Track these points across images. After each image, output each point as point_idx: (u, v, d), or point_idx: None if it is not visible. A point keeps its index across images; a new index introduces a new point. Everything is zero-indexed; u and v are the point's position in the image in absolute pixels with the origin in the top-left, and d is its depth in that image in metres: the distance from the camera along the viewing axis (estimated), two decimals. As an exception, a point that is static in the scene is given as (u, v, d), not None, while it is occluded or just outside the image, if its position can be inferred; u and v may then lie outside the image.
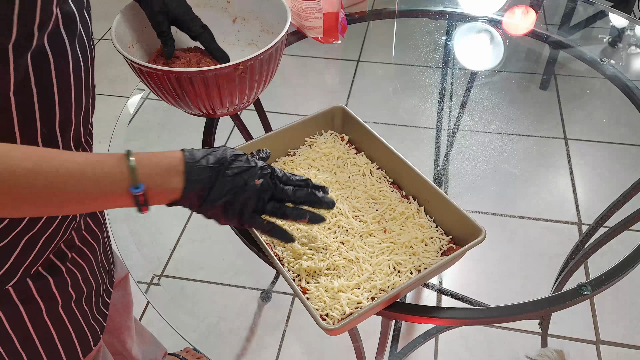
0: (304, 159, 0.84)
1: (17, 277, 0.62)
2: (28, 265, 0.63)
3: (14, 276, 0.62)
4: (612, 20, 1.42)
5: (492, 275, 1.44)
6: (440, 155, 1.38)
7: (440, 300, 1.34)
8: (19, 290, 0.63)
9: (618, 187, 1.08)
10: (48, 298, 0.66)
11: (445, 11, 1.33)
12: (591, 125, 1.75)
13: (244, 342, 1.37)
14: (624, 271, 0.74)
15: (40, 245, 0.63)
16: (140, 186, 0.54)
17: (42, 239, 0.63)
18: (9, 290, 0.63)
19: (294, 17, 1.13)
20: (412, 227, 0.74)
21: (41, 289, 0.65)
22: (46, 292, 0.66)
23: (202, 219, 0.61)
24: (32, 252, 0.62)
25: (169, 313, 0.82)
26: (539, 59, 1.73)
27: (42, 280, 0.66)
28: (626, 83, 1.07)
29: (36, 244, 0.62)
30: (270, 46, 0.76)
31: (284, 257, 0.71)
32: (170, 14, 0.80)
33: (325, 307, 0.64)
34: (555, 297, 0.72)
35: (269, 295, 1.45)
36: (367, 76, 1.97)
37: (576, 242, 1.15)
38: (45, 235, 0.63)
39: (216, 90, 0.77)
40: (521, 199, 1.56)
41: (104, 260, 0.78)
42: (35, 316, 0.66)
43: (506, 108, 1.50)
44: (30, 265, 0.63)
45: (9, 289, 0.63)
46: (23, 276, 0.63)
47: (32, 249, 0.62)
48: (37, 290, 0.65)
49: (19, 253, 0.61)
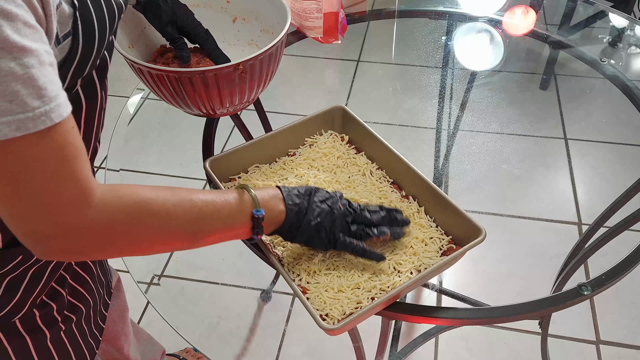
0: (304, 159, 0.84)
1: (25, 309, 0.63)
2: (35, 296, 0.63)
3: (22, 308, 0.63)
4: (612, 20, 1.42)
5: (492, 275, 1.44)
6: (440, 156, 1.38)
7: (440, 300, 1.34)
8: (24, 320, 0.64)
9: (618, 187, 1.08)
10: (51, 324, 0.67)
11: (445, 11, 1.33)
12: (591, 125, 1.76)
13: (244, 342, 1.37)
14: (624, 271, 0.74)
15: (46, 276, 0.64)
16: (261, 210, 0.60)
17: (48, 270, 0.64)
18: (15, 322, 0.63)
19: (294, 17, 1.13)
20: (412, 227, 0.74)
21: (45, 316, 0.66)
22: (49, 318, 0.67)
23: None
24: (40, 283, 0.63)
25: (169, 313, 0.82)
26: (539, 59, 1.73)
27: (46, 307, 0.66)
28: (626, 83, 1.07)
29: (43, 275, 0.63)
30: (270, 46, 0.76)
31: (284, 257, 0.71)
32: (178, 22, 0.80)
33: (325, 307, 0.64)
34: (555, 297, 0.72)
35: (269, 295, 1.45)
36: (367, 76, 1.97)
37: (576, 242, 1.15)
38: (50, 265, 0.64)
39: (216, 90, 0.77)
40: (521, 199, 1.56)
41: (100, 275, 0.78)
42: (40, 344, 0.67)
43: (506, 108, 1.50)
44: (37, 296, 0.64)
45: (16, 321, 0.63)
46: (30, 307, 0.64)
47: (40, 280, 0.63)
48: (41, 318, 0.66)
49: (27, 285, 0.61)
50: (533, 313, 0.71)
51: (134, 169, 1.77)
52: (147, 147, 1.82)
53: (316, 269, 0.69)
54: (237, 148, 0.82)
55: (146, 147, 1.82)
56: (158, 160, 1.79)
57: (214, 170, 0.79)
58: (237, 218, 0.59)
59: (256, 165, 0.84)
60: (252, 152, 0.83)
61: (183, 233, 0.54)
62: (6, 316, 0.61)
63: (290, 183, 0.80)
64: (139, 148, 1.82)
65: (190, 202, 0.54)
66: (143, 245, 0.52)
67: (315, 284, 0.67)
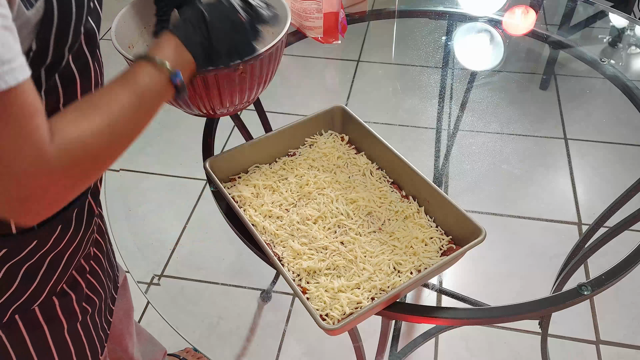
0: (304, 159, 0.84)
1: (43, 296, 0.63)
2: (54, 283, 0.64)
3: (39, 296, 0.63)
4: (612, 20, 1.42)
5: (492, 275, 1.44)
6: (440, 156, 1.38)
7: (440, 300, 1.34)
8: (44, 309, 0.64)
9: (618, 187, 1.08)
10: (70, 315, 0.68)
11: (445, 11, 1.33)
12: (591, 125, 1.76)
13: (244, 342, 1.37)
14: (624, 271, 0.74)
15: (64, 263, 0.64)
16: (177, 72, 0.58)
17: (65, 256, 0.64)
18: (35, 311, 0.64)
19: (294, 17, 1.13)
20: (412, 227, 0.74)
21: (64, 306, 0.67)
22: (68, 308, 0.67)
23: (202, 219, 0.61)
24: (57, 270, 0.64)
25: (169, 313, 0.82)
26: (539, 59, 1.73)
27: (66, 297, 0.67)
28: (626, 83, 1.07)
29: (60, 262, 0.63)
30: (270, 46, 0.76)
31: (284, 257, 0.71)
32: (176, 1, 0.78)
33: (325, 307, 0.64)
34: (555, 297, 0.72)
35: (269, 295, 1.45)
36: (367, 76, 1.98)
37: (576, 242, 1.15)
38: (68, 251, 0.64)
39: (216, 90, 0.77)
40: (521, 199, 1.57)
41: (108, 268, 0.79)
42: (58, 335, 0.67)
43: (506, 108, 1.50)
44: (55, 284, 0.64)
45: (35, 309, 0.64)
46: (49, 295, 0.64)
47: (57, 268, 0.63)
48: (61, 307, 0.66)
49: (45, 272, 0.62)
50: (533, 313, 0.71)
51: (134, 169, 1.77)
52: (147, 147, 1.82)
53: (316, 269, 0.69)
54: (237, 148, 0.82)
55: (146, 147, 1.82)
56: (158, 160, 1.79)
57: (214, 170, 0.79)
58: (162, 84, 0.57)
59: (256, 165, 0.84)
60: (252, 152, 0.83)
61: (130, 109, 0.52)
62: (25, 303, 0.62)
63: (290, 183, 0.80)
64: (139, 148, 1.82)
65: (112, 92, 0.52)
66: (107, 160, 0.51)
67: (315, 284, 0.67)
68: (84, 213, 0.65)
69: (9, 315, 0.62)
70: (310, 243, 0.72)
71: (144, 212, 1.62)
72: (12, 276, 0.59)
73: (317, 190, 0.79)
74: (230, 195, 0.78)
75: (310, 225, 0.74)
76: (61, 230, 0.61)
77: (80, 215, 0.65)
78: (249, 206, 0.77)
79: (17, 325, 0.63)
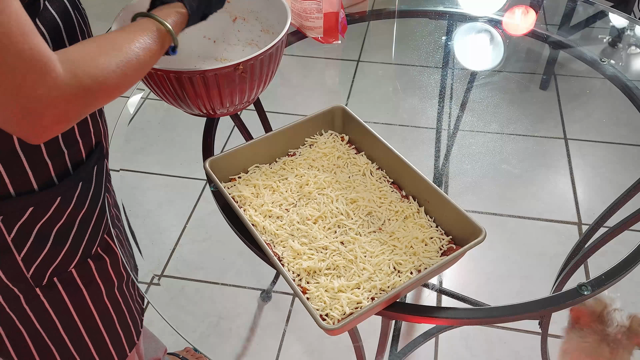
0: (304, 159, 0.84)
1: (78, 257, 0.66)
2: (86, 244, 0.67)
3: (74, 257, 0.66)
4: (612, 20, 1.42)
5: (492, 275, 1.44)
6: (440, 155, 1.38)
7: (440, 300, 1.34)
8: (81, 272, 0.67)
9: (618, 187, 1.08)
10: (106, 279, 0.71)
11: (445, 11, 1.33)
12: (591, 125, 1.76)
13: (244, 342, 1.37)
14: (624, 271, 0.74)
15: (93, 222, 0.67)
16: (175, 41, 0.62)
17: (94, 217, 0.67)
18: (72, 273, 0.67)
19: (294, 17, 1.13)
20: (412, 227, 0.74)
21: (100, 270, 0.70)
22: (104, 272, 0.71)
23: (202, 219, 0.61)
24: (87, 230, 0.67)
25: (169, 313, 0.82)
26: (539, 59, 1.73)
27: (100, 260, 0.70)
28: (626, 83, 1.07)
29: (89, 222, 0.67)
30: (270, 46, 0.77)
31: (284, 257, 0.71)
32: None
33: (325, 307, 0.64)
34: (555, 297, 0.72)
35: (269, 295, 1.45)
36: (367, 76, 1.98)
37: (576, 242, 1.15)
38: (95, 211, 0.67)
39: (216, 90, 0.77)
40: (521, 199, 1.57)
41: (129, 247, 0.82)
42: (97, 298, 0.70)
43: (506, 108, 1.50)
44: (88, 245, 0.67)
45: (73, 271, 0.67)
46: (84, 257, 0.67)
47: (87, 227, 0.67)
48: (97, 271, 0.69)
49: (76, 233, 0.65)
50: (533, 313, 0.71)
51: (134, 169, 1.77)
52: (147, 147, 1.82)
53: (316, 269, 0.69)
54: (237, 148, 0.82)
55: (146, 147, 1.82)
56: (158, 160, 1.80)
57: (214, 170, 0.79)
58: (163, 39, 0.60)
59: (256, 165, 0.84)
60: (252, 152, 0.83)
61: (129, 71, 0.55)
62: (61, 265, 0.65)
63: (290, 183, 0.80)
64: (139, 148, 1.82)
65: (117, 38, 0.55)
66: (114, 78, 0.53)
67: (315, 284, 0.67)
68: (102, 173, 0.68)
69: (48, 278, 0.64)
70: (310, 243, 0.72)
71: (144, 212, 1.62)
72: (44, 237, 0.62)
73: (317, 190, 0.79)
74: (230, 195, 0.78)
75: (310, 225, 0.74)
76: (82, 187, 0.64)
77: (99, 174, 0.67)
78: (249, 206, 0.77)
79: (57, 288, 0.66)
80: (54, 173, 0.61)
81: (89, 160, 0.65)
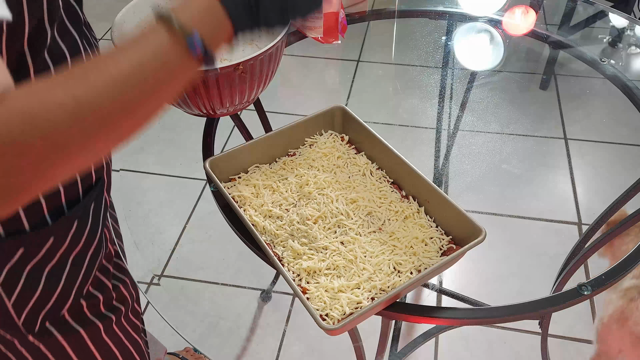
0: (304, 159, 0.84)
1: (71, 299, 0.62)
2: (79, 285, 0.62)
3: (67, 299, 0.61)
4: (612, 20, 1.42)
5: (492, 275, 1.44)
6: (440, 155, 1.38)
7: (440, 300, 1.34)
8: (74, 314, 0.63)
9: (618, 187, 1.08)
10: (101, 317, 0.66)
11: (445, 11, 1.33)
12: (591, 125, 1.76)
13: (244, 342, 1.37)
14: (624, 271, 0.74)
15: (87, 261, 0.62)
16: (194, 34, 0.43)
17: (88, 255, 0.62)
18: (65, 316, 0.62)
19: (294, 17, 1.13)
20: (412, 227, 0.74)
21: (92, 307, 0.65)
22: (97, 310, 0.66)
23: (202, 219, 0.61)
24: (81, 270, 0.61)
25: (169, 313, 0.82)
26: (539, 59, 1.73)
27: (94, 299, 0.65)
28: (626, 83, 1.07)
29: (83, 261, 0.61)
30: (270, 46, 0.76)
31: (284, 257, 0.71)
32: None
33: (325, 307, 0.64)
34: (555, 297, 0.72)
35: (269, 295, 1.45)
36: (367, 76, 1.98)
37: (576, 242, 1.15)
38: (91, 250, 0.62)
39: (216, 90, 0.77)
40: (521, 199, 1.57)
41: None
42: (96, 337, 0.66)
43: (506, 108, 1.50)
44: (81, 285, 0.63)
45: (65, 314, 0.62)
46: (76, 298, 0.63)
47: (80, 267, 0.61)
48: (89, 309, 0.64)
49: (69, 273, 0.60)
50: (533, 313, 0.71)
51: (134, 169, 1.77)
52: (147, 147, 1.82)
53: (316, 269, 0.69)
54: (237, 148, 0.82)
55: (146, 147, 1.82)
56: (158, 160, 1.79)
57: (214, 170, 0.79)
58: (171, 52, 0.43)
59: (256, 165, 0.84)
60: (252, 152, 0.83)
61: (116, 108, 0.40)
62: (54, 309, 0.60)
63: (290, 183, 0.80)
64: (139, 148, 1.82)
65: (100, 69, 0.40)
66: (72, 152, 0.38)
67: (315, 284, 0.67)
68: (100, 208, 0.62)
69: (40, 323, 0.60)
70: (310, 243, 0.72)
71: (144, 212, 1.62)
72: (35, 280, 0.56)
73: (317, 190, 0.79)
74: (230, 195, 0.78)
75: (310, 225, 0.74)
76: (78, 225, 0.58)
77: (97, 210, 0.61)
78: (249, 206, 0.77)
79: (51, 333, 0.61)
80: (47, 212, 0.54)
81: (87, 197, 0.58)
